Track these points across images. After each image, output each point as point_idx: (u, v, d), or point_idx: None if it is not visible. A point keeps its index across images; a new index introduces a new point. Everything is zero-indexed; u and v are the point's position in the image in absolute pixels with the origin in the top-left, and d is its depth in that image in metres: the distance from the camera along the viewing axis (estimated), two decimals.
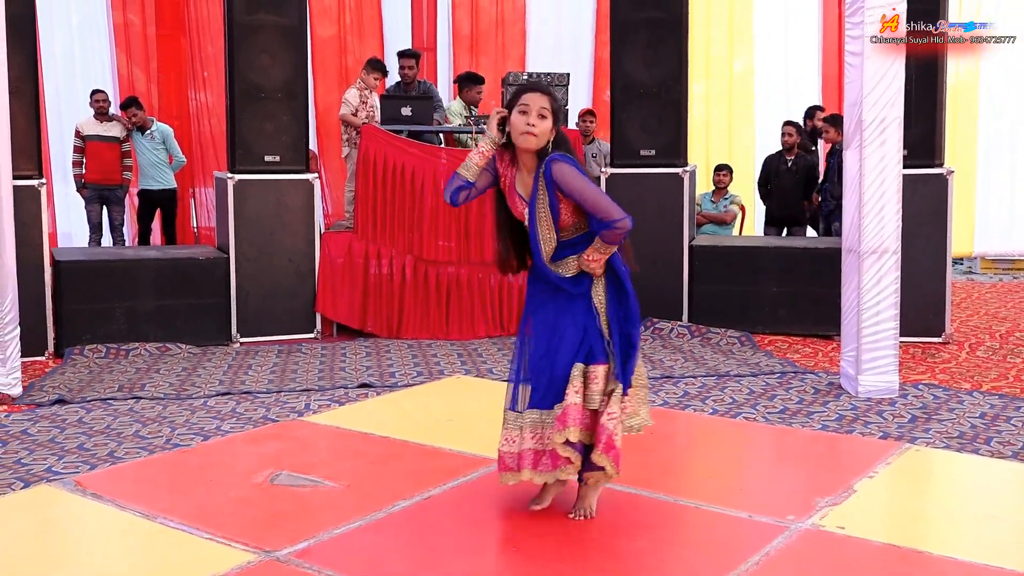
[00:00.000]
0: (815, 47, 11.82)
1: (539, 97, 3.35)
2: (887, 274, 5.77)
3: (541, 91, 3.38)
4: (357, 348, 7.46)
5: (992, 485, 4.18)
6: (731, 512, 3.66)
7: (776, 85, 11.91)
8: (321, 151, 10.70)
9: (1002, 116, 11.92)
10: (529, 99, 3.35)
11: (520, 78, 8.60)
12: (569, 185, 3.33)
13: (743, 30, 11.89)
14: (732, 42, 11.91)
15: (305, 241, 7.77)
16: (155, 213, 9.76)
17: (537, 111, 3.33)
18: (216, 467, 4.30)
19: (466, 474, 4.06)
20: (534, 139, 3.34)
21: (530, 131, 3.33)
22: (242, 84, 7.60)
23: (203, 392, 6.07)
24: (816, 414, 5.49)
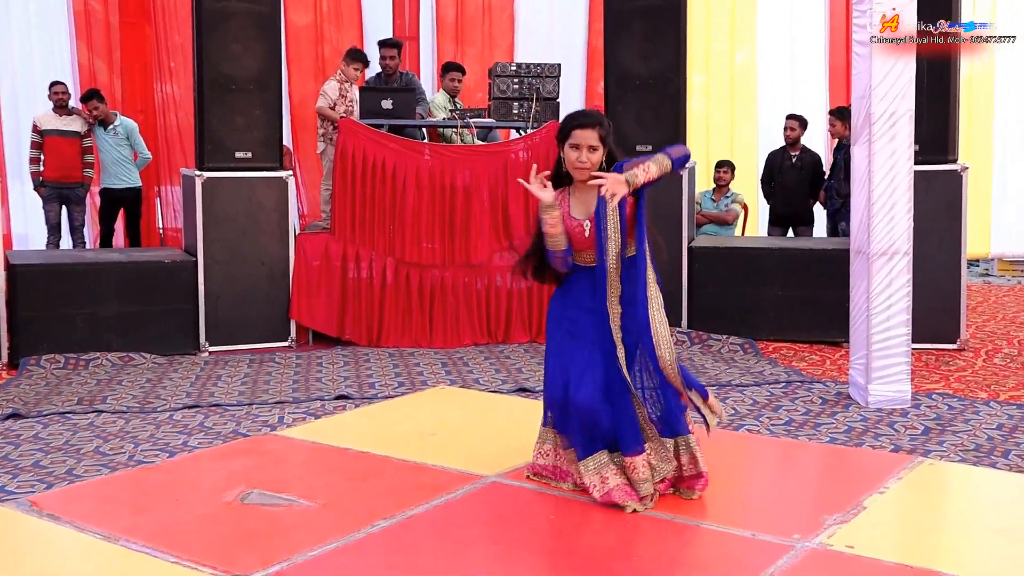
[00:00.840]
0: (821, 37, 11.85)
1: (588, 133, 3.76)
2: (898, 277, 5.78)
3: (590, 126, 3.78)
4: (334, 357, 7.44)
5: (1010, 500, 4.19)
6: (733, 531, 3.65)
7: (780, 77, 11.94)
8: (296, 147, 10.68)
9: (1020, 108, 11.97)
10: (579, 136, 3.76)
11: (508, 69, 8.60)
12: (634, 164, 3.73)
13: (745, 19, 11.92)
14: (734, 31, 11.94)
15: (279, 243, 7.76)
16: (118, 213, 9.72)
17: (587, 147, 3.76)
18: (182, 485, 4.28)
19: (451, 491, 4.05)
20: (587, 172, 3.77)
21: (582, 167, 3.77)
22: (211, 75, 7.58)
23: (169, 405, 6.04)
24: (823, 426, 5.49)
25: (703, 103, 11.79)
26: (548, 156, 8.02)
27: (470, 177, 7.97)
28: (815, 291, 7.71)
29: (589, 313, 3.82)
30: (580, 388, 3.75)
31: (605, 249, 3.78)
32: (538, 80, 8.52)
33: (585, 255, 3.85)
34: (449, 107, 9.14)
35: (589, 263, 3.84)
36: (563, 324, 3.88)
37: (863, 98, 5.84)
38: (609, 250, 3.78)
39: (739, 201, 9.77)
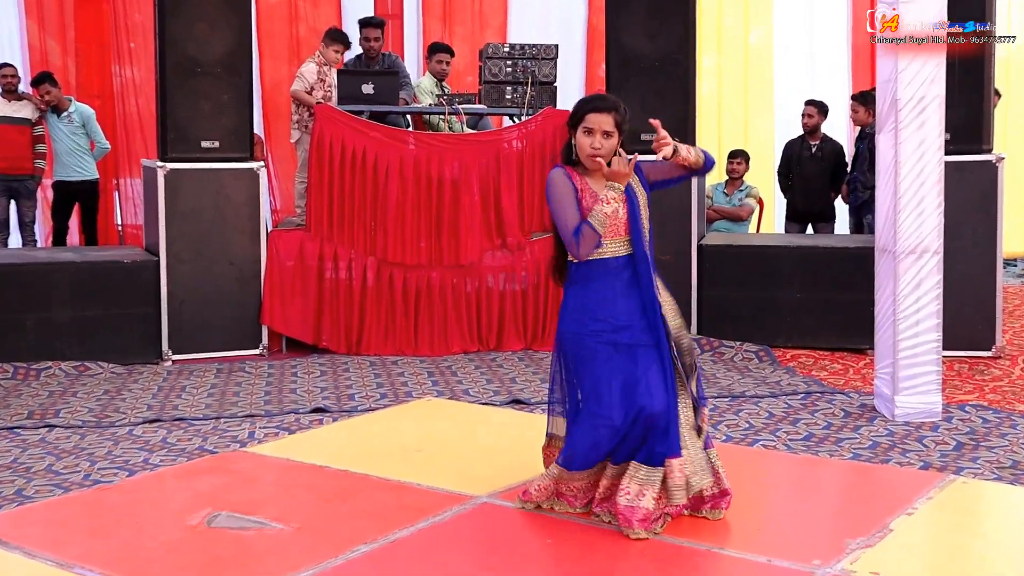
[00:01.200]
0: (844, 14, 11.87)
1: (604, 118, 3.82)
2: (928, 277, 5.79)
3: (606, 110, 3.83)
4: (310, 366, 7.43)
5: None
6: (748, 556, 3.66)
7: (799, 58, 11.95)
8: (268, 135, 10.67)
9: None
10: (594, 120, 3.82)
11: (501, 50, 8.60)
12: (656, 167, 3.96)
13: None
14: (748, 8, 11.95)
15: (249, 241, 7.75)
16: (73, 208, 9.71)
17: (601, 132, 3.82)
18: (143, 507, 4.27)
19: (438, 513, 4.05)
20: (600, 160, 3.83)
21: (596, 153, 3.83)
22: (175, 57, 7.57)
23: (128, 419, 6.03)
24: (846, 441, 5.50)
25: (714, 87, 11.80)
26: (544, 145, 8.03)
27: (459, 169, 7.97)
28: (837, 293, 7.71)
29: (626, 312, 3.84)
30: (654, 397, 3.77)
31: (643, 232, 3.87)
32: (533, 63, 8.52)
33: (609, 243, 3.86)
34: (436, 92, 9.14)
35: (611, 253, 3.86)
36: (603, 336, 3.83)
37: (889, 82, 5.85)
38: (645, 235, 3.89)
39: (754, 195, 9.78)
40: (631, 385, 3.78)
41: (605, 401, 3.79)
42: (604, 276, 3.87)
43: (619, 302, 3.86)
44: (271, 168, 10.49)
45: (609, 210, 3.80)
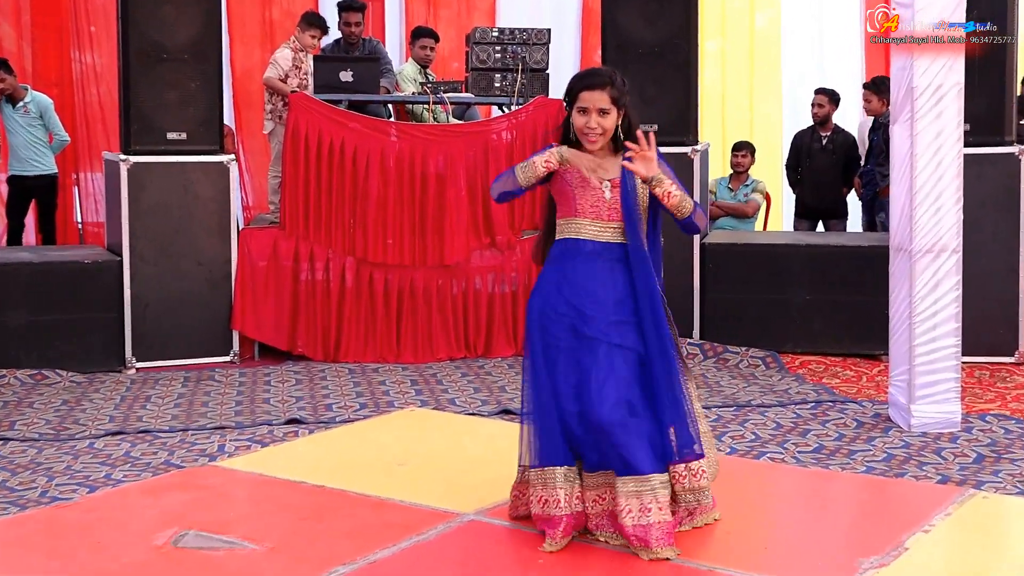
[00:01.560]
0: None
1: (597, 95, 3.80)
2: (946, 278, 5.81)
3: (599, 86, 3.81)
4: (284, 375, 7.43)
5: None
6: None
7: (808, 44, 11.98)
8: (239, 126, 10.66)
9: None
10: (587, 98, 3.80)
11: (489, 35, 8.61)
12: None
13: None
14: None
15: (219, 240, 7.75)
16: (29, 205, 9.68)
17: (596, 110, 3.80)
18: (105, 525, 4.26)
19: (422, 532, 4.04)
20: (598, 140, 3.84)
21: (591, 133, 3.82)
22: (139, 42, 7.56)
23: (89, 431, 6.02)
24: (859, 453, 5.51)
25: (718, 74, 11.82)
26: (535, 137, 8.04)
27: (444, 162, 7.97)
28: (849, 295, 7.74)
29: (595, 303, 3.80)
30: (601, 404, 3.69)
31: (637, 218, 3.84)
32: (524, 48, 8.53)
33: (596, 227, 3.85)
34: (420, 79, 9.14)
35: (589, 235, 3.85)
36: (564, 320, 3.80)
37: (904, 69, 5.87)
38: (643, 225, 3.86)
39: (760, 190, 9.80)
40: (584, 383, 3.74)
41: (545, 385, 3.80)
42: (577, 257, 3.86)
43: (591, 289, 3.83)
44: (242, 161, 10.47)
45: (540, 162, 3.82)
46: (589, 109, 3.81)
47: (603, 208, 3.85)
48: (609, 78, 3.85)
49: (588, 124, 3.81)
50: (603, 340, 3.76)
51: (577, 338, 3.78)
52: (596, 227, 3.86)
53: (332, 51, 9.21)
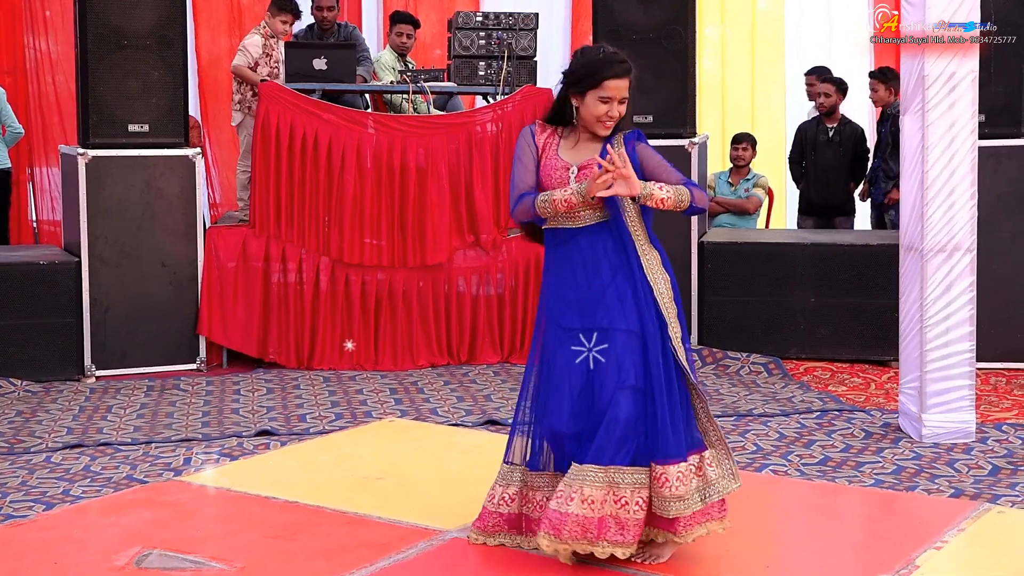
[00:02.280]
0: None
1: (622, 83, 3.90)
2: (959, 279, 5.83)
3: (626, 74, 3.91)
4: (255, 383, 7.43)
5: None
6: None
7: (814, 29, 12.01)
8: (205, 118, 10.65)
9: None
10: (613, 87, 3.88)
11: (473, 20, 8.62)
12: (652, 161, 4.00)
13: None
14: None
15: (184, 239, 7.74)
16: None
17: (619, 100, 3.92)
18: (64, 544, 4.27)
19: (401, 550, 4.06)
20: (611, 128, 3.97)
21: (612, 121, 3.94)
22: (97, 28, 7.55)
23: (46, 444, 6.01)
24: (867, 465, 5.54)
25: (717, 62, 11.85)
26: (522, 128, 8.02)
27: (425, 156, 7.98)
28: (857, 298, 7.76)
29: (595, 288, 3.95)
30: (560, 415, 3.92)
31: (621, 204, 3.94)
32: (510, 34, 8.54)
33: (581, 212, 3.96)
34: (398, 68, 9.15)
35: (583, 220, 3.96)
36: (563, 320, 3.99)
37: (915, 57, 5.90)
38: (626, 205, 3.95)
39: (762, 185, 9.82)
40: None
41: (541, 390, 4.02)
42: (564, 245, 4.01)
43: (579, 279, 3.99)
44: (209, 155, 10.46)
45: (559, 197, 3.90)
46: (613, 99, 3.91)
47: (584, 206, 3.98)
48: (631, 65, 3.95)
49: (610, 113, 3.92)
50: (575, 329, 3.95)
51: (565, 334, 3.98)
52: (583, 214, 3.97)
53: (305, 37, 9.20)
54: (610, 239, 3.96)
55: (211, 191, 10.49)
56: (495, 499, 4.10)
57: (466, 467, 5.18)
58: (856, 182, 9.79)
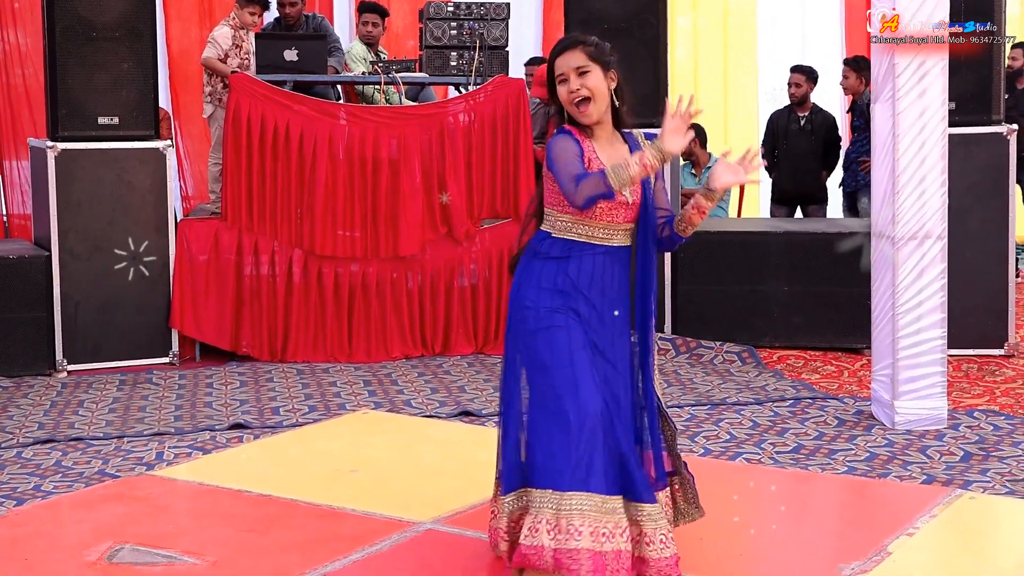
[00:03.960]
0: None
1: (568, 56, 3.61)
2: (930, 266, 5.86)
3: (568, 47, 3.63)
4: (228, 376, 7.41)
5: None
6: None
7: (786, 19, 12.05)
8: (176, 110, 10.62)
9: None
10: (560, 64, 3.62)
11: (444, 10, 8.60)
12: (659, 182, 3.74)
13: None
14: None
15: (155, 232, 7.71)
16: None
17: (574, 72, 3.60)
18: (35, 540, 4.25)
19: (375, 542, 4.06)
20: (589, 105, 3.62)
21: (578, 96, 3.59)
22: (66, 19, 7.51)
23: (16, 439, 5.98)
24: (840, 453, 5.56)
25: (689, 50, 11.89)
26: (495, 119, 8.05)
27: (397, 147, 7.96)
28: (829, 285, 7.79)
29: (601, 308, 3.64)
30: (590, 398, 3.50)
31: (653, 214, 3.67)
32: (482, 24, 8.53)
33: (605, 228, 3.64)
34: (370, 59, 9.13)
35: (600, 239, 3.64)
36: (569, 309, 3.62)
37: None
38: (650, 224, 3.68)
39: None
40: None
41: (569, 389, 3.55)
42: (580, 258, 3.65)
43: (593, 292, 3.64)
44: (180, 148, 10.44)
45: (635, 172, 3.47)
46: (567, 74, 3.61)
47: (620, 210, 3.63)
48: (578, 38, 3.68)
49: (571, 89, 3.59)
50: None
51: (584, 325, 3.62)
52: (608, 231, 3.66)
53: (274, 29, 9.17)
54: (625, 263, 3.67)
55: (182, 184, 10.47)
56: None
57: (440, 459, 5.19)
58: (828, 170, 9.84)
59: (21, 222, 10.24)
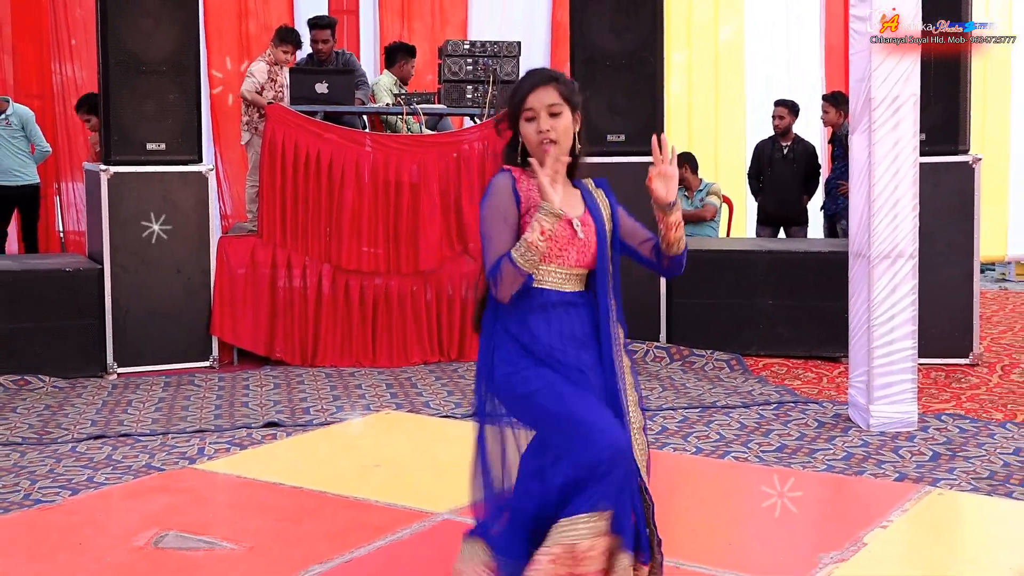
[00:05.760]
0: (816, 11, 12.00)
1: (541, 93, 3.10)
2: (902, 283, 5.86)
3: (541, 83, 3.11)
4: (263, 379, 7.42)
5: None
6: (717, 572, 3.69)
7: (771, 56, 12.06)
8: (217, 137, 10.64)
9: None
10: (532, 100, 3.09)
11: (461, 47, 8.64)
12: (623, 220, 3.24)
13: None
14: (719, 3, 12.05)
15: (197, 248, 7.72)
16: (12, 214, 9.64)
17: (546, 111, 3.08)
18: (87, 527, 4.26)
19: (396, 531, 4.06)
20: (555, 147, 3.08)
21: (547, 137, 3.07)
22: (118, 55, 7.54)
23: (71, 435, 6.00)
24: (820, 452, 5.56)
25: (684, 85, 11.89)
26: None
27: (418, 171, 7.98)
28: (810, 300, 7.78)
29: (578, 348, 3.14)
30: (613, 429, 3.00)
31: (607, 266, 3.15)
32: (495, 60, 8.56)
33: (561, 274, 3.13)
34: (395, 91, 9.16)
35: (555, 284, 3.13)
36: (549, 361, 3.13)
37: (862, 81, 5.93)
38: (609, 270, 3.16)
39: (715, 192, 9.73)
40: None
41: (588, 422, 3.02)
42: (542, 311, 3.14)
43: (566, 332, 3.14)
44: (220, 171, 10.46)
45: (536, 239, 2.97)
46: (537, 111, 3.07)
47: (571, 252, 3.12)
48: (552, 74, 3.17)
49: (540, 128, 3.06)
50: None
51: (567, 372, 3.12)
52: (560, 275, 3.13)
53: (306, 65, 9.21)
54: (586, 314, 3.15)
55: (222, 204, 10.48)
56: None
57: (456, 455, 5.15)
58: (809, 195, 9.84)
59: (76, 238, 10.27)
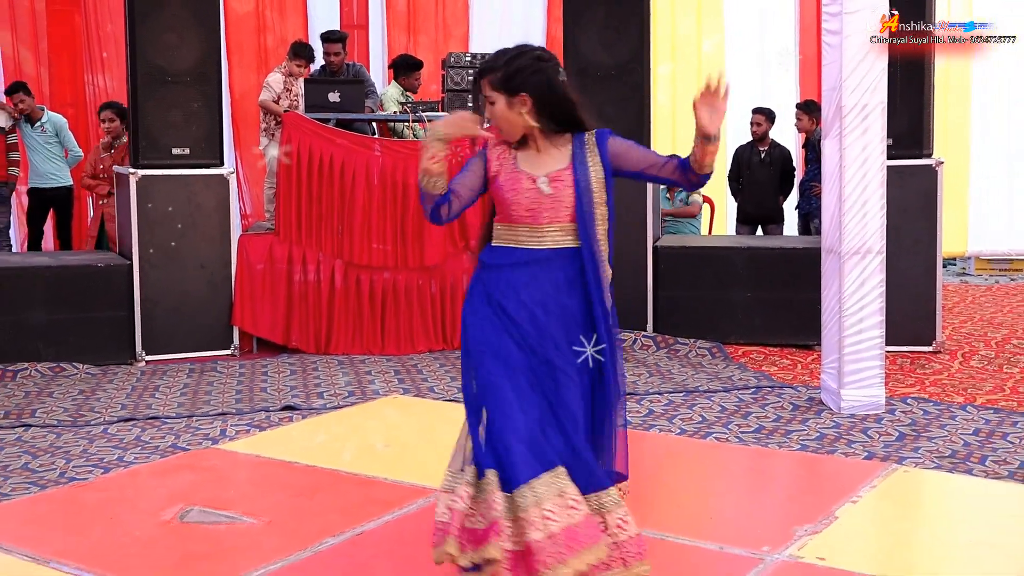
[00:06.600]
0: (791, 25, 11.99)
1: (482, 86, 3.13)
2: (871, 277, 5.86)
3: (477, 77, 3.17)
4: (280, 366, 7.42)
5: (987, 508, 4.26)
6: (700, 544, 3.70)
7: (750, 67, 12.05)
8: (237, 142, 10.64)
9: (998, 100, 12.14)
10: (483, 88, 3.13)
11: (463, 59, 8.63)
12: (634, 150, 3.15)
13: (713, 6, 12.04)
14: (701, 19, 12.05)
15: (219, 245, 7.72)
16: (47, 214, 9.63)
17: (487, 100, 3.12)
18: (118, 503, 4.26)
19: (404, 506, 4.06)
20: (496, 129, 3.15)
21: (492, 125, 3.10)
22: (145, 67, 7.53)
23: (103, 418, 6.00)
24: (794, 433, 5.56)
25: (669, 94, 11.89)
26: None
27: None
28: (785, 292, 7.78)
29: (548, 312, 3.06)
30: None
31: (592, 223, 3.07)
32: None
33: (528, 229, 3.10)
34: (401, 100, 9.15)
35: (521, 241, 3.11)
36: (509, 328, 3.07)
37: (834, 90, 5.92)
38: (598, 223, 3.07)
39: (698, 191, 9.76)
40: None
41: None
42: (510, 270, 3.11)
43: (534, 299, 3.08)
44: (241, 174, 10.46)
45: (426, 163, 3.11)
46: (486, 102, 3.12)
47: (541, 211, 3.08)
48: (488, 65, 3.13)
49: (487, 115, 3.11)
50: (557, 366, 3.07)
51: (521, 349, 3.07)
52: (536, 234, 3.10)
53: (319, 75, 9.21)
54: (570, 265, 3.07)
55: (242, 204, 10.49)
56: None
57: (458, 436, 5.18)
58: (784, 196, 9.84)
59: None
